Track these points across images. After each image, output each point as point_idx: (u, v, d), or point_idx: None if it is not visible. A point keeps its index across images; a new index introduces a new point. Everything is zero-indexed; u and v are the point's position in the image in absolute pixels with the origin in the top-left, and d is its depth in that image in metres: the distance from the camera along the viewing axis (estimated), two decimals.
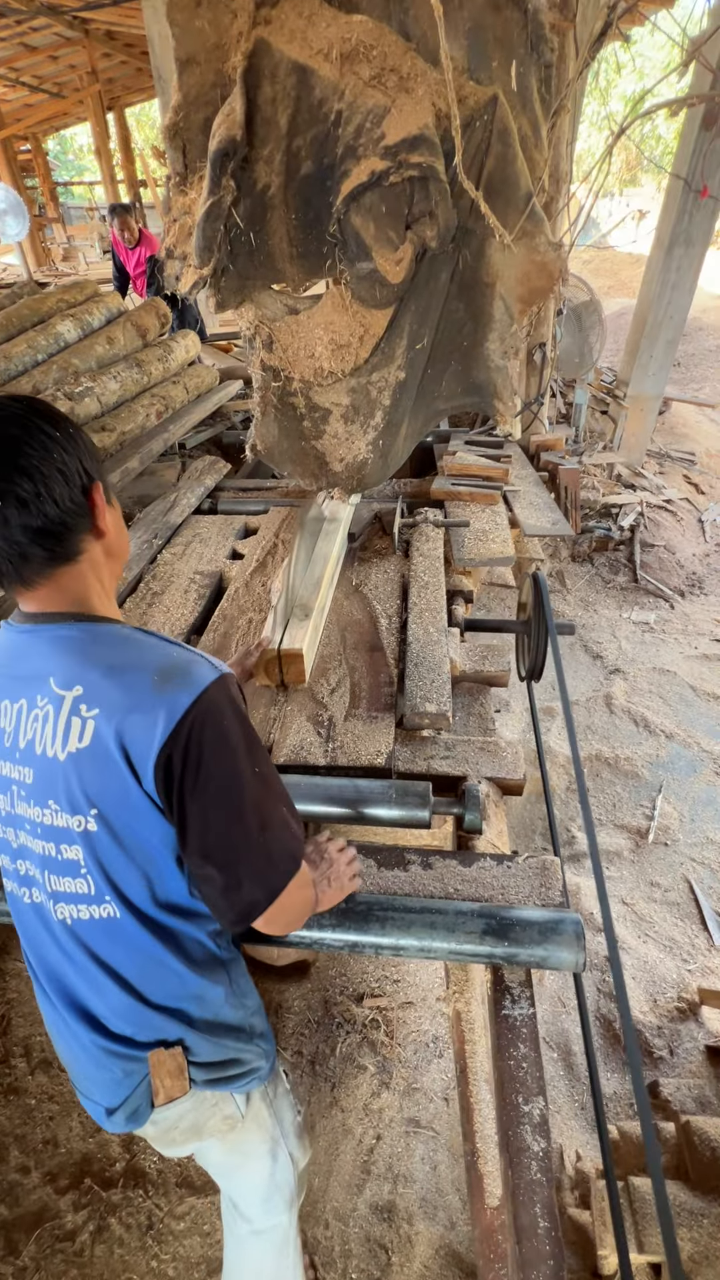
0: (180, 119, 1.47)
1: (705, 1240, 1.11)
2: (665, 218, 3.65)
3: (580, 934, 1.11)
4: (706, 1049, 1.76)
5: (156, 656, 0.74)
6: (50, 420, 0.72)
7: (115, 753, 0.70)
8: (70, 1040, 0.86)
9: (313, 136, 1.48)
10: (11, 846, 0.81)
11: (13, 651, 0.77)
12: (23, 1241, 1.50)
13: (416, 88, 1.43)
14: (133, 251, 5.36)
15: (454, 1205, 1.56)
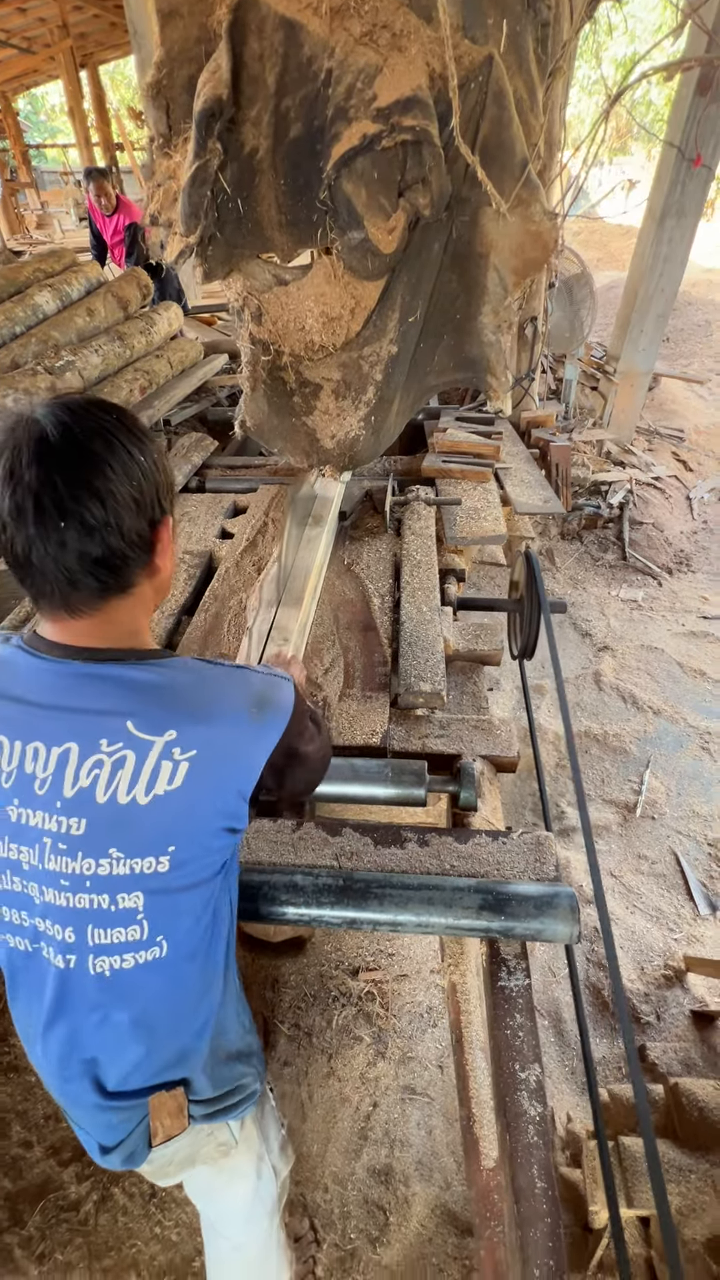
0: (163, 76, 1.41)
1: (692, 1194, 1.16)
2: (657, 188, 3.59)
3: (575, 907, 1.13)
4: (692, 1014, 1.82)
5: (242, 689, 0.74)
6: (138, 440, 0.67)
7: (210, 789, 0.69)
8: (68, 1095, 0.81)
9: (302, 97, 1.42)
10: (34, 906, 0.72)
11: (52, 684, 0.69)
12: (28, 1212, 1.53)
13: (410, 46, 1.38)
14: (110, 219, 5.17)
15: (449, 1167, 1.61)
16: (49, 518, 0.62)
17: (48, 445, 0.62)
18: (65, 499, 0.61)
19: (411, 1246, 1.48)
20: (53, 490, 0.61)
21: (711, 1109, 1.26)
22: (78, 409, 0.64)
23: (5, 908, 0.74)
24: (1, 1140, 1.64)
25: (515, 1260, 0.96)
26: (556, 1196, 0.89)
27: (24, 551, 0.63)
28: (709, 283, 10.91)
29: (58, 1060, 0.77)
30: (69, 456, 0.62)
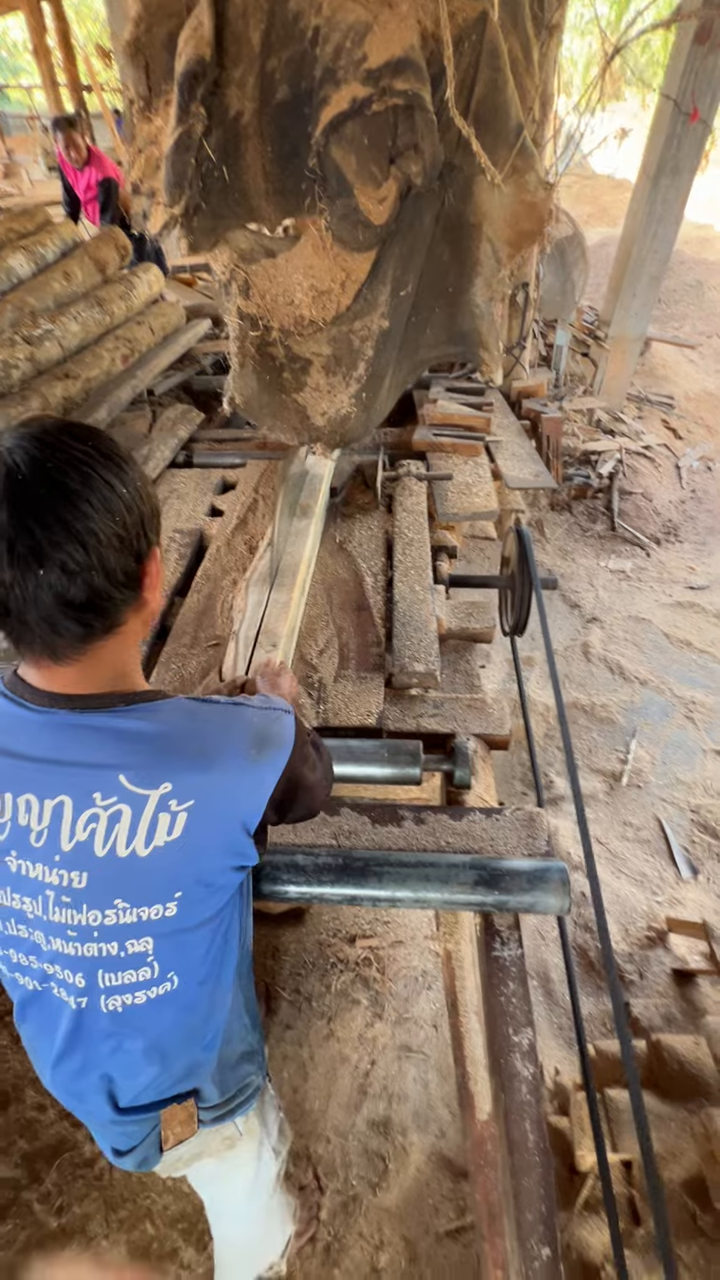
0: (141, 33, 1.34)
1: (671, 1140, 1.25)
2: (652, 143, 3.47)
3: (565, 881, 1.18)
4: (673, 972, 1.91)
5: (239, 729, 0.70)
6: (117, 468, 0.62)
7: (215, 834, 0.68)
8: (81, 1110, 0.85)
9: (288, 57, 1.36)
10: (42, 952, 0.72)
11: (38, 736, 0.66)
12: (45, 1170, 1.61)
13: (400, 2, 1.32)
14: (82, 173, 4.93)
15: (444, 1118, 1.70)
16: (25, 564, 0.57)
17: (19, 483, 0.57)
18: (42, 543, 0.57)
19: (409, 1190, 1.58)
20: (27, 534, 0.56)
21: (690, 1062, 1.35)
22: (49, 439, 0.59)
23: (13, 950, 0.74)
24: (16, 1105, 1.71)
25: (510, 1203, 1.04)
26: (548, 1148, 0.96)
27: (2, 596, 0.59)
28: (701, 240, 10.65)
29: (70, 1083, 0.79)
30: (43, 495, 0.57)
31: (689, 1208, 1.17)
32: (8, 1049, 1.79)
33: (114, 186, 4.99)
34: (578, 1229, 1.32)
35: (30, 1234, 1.52)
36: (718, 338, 6.76)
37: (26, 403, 2.60)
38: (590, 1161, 1.37)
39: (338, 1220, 1.54)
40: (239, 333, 1.75)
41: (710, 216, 11.80)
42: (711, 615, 3.41)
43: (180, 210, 1.44)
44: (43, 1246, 1.51)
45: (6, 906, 0.71)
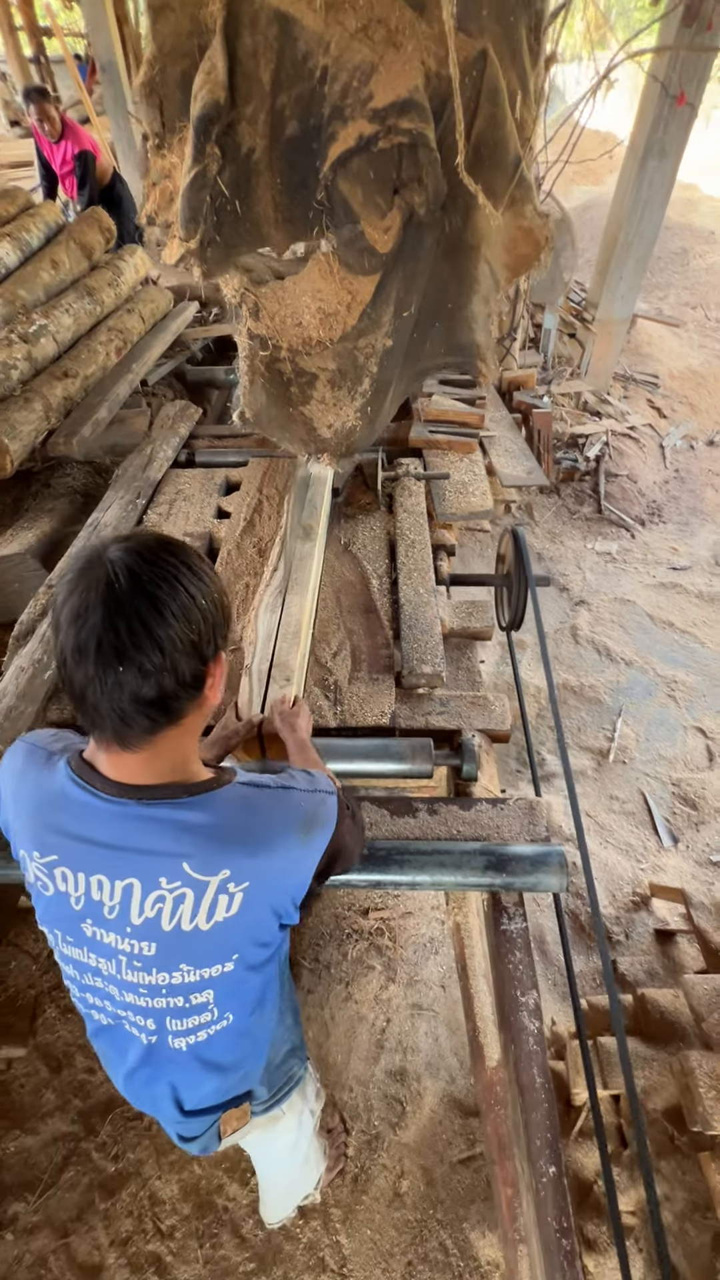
0: (155, 74, 1.38)
1: (654, 1077, 1.45)
2: (639, 125, 3.48)
3: (564, 863, 1.35)
4: (655, 932, 2.13)
5: (289, 814, 0.78)
6: (201, 581, 0.68)
7: (266, 909, 0.77)
8: (151, 1110, 0.97)
9: (297, 94, 1.42)
10: (115, 1000, 0.82)
11: (109, 825, 0.73)
12: (99, 1124, 1.80)
13: (405, 43, 1.38)
14: (57, 146, 4.78)
15: (453, 1066, 1.91)
16: (108, 662, 0.63)
17: (114, 591, 0.63)
18: (126, 645, 0.63)
19: (425, 1128, 1.80)
20: (114, 635, 0.63)
21: (669, 1012, 1.55)
22: (147, 553, 0.66)
23: (89, 995, 0.84)
24: (68, 1069, 1.89)
25: (519, 1140, 1.23)
26: (552, 1089, 1.14)
27: (81, 688, 0.66)
28: (687, 201, 10.44)
29: (141, 1091, 0.93)
30: (134, 603, 0.64)
31: (668, 1131, 1.38)
32: (56, 1021, 1.96)
33: (91, 159, 4.86)
34: (573, 1153, 1.53)
35: (91, 1178, 1.72)
36: (702, 309, 6.78)
37: (30, 406, 2.64)
38: (583, 1098, 1.58)
39: (363, 1155, 1.76)
40: (249, 352, 1.82)
41: (695, 175, 11.55)
42: (693, 596, 3.57)
43: (195, 244, 1.50)
44: (104, 1188, 1.71)
45: (84, 963, 0.81)
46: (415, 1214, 1.66)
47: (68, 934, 0.80)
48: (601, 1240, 1.39)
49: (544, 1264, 1.01)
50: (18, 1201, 1.67)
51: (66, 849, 0.75)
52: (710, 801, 2.60)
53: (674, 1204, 1.31)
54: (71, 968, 0.83)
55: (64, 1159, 1.74)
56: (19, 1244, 1.61)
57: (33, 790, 0.78)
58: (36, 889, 0.80)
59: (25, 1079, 1.85)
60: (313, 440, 1.97)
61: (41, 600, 2.00)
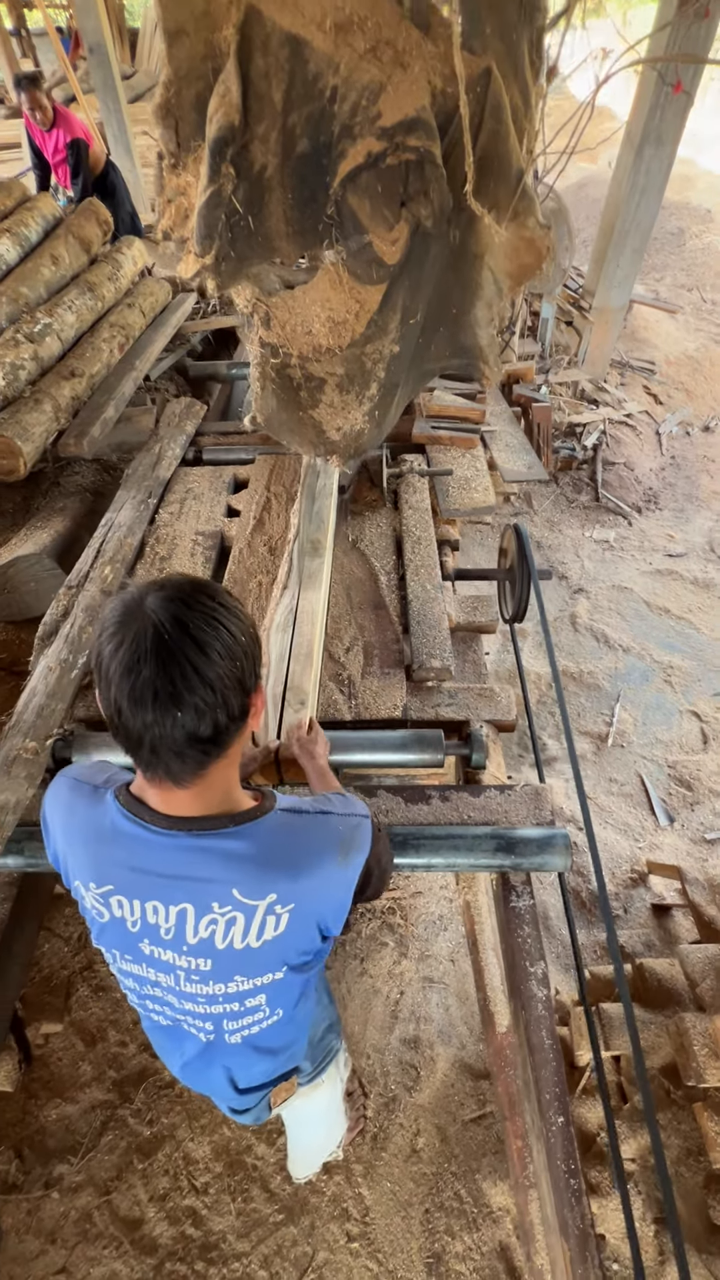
0: (171, 96, 1.43)
1: (651, 1038, 1.57)
2: (636, 114, 3.49)
3: (568, 845, 1.45)
4: (652, 907, 2.25)
5: (328, 838, 0.83)
6: (237, 619, 0.72)
7: (311, 927, 0.83)
8: (206, 1091, 1.09)
9: (308, 114, 1.47)
10: (175, 1007, 0.89)
11: (161, 856, 0.78)
12: (134, 1092, 1.92)
13: (412, 63, 1.43)
14: (50, 134, 4.74)
15: (464, 1034, 2.04)
16: (166, 706, 0.66)
17: (164, 640, 0.66)
18: (181, 689, 0.66)
19: (439, 1090, 1.93)
20: (169, 683, 0.66)
21: (666, 979, 1.67)
22: (185, 599, 0.69)
23: (149, 1001, 0.92)
24: (102, 1043, 2.01)
25: (529, 1094, 1.35)
26: (560, 1050, 1.25)
27: (139, 734, 0.68)
28: (684, 178, 10.30)
29: (197, 1077, 1.03)
30: (183, 649, 0.66)
31: (665, 1086, 1.51)
32: (89, 998, 2.07)
33: (84, 147, 4.82)
34: (577, 1109, 1.66)
35: (129, 1142, 1.85)
36: (698, 290, 6.79)
37: (40, 407, 2.68)
38: (586, 1059, 1.71)
39: (381, 1116, 1.89)
40: (260, 359, 1.88)
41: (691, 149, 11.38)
42: (688, 582, 3.66)
43: (210, 259, 1.56)
44: (141, 1150, 1.83)
45: (143, 977, 0.88)
46: (431, 1168, 1.79)
47: (126, 952, 0.86)
48: (604, 1185, 1.51)
49: (554, 1201, 1.13)
50: (62, 1163, 1.79)
51: (122, 879, 0.80)
52: (704, 782, 2.72)
53: (671, 1151, 1.44)
54: (131, 980, 0.90)
55: (102, 1124, 1.87)
56: (65, 1201, 1.74)
57: (83, 825, 0.83)
58: (92, 915, 0.85)
59: (63, 1052, 1.97)
60: (322, 443, 2.03)
61: (63, 602, 2.08)
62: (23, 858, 1.48)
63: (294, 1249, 1.67)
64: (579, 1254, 1.12)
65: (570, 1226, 1.11)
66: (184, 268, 1.59)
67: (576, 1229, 1.12)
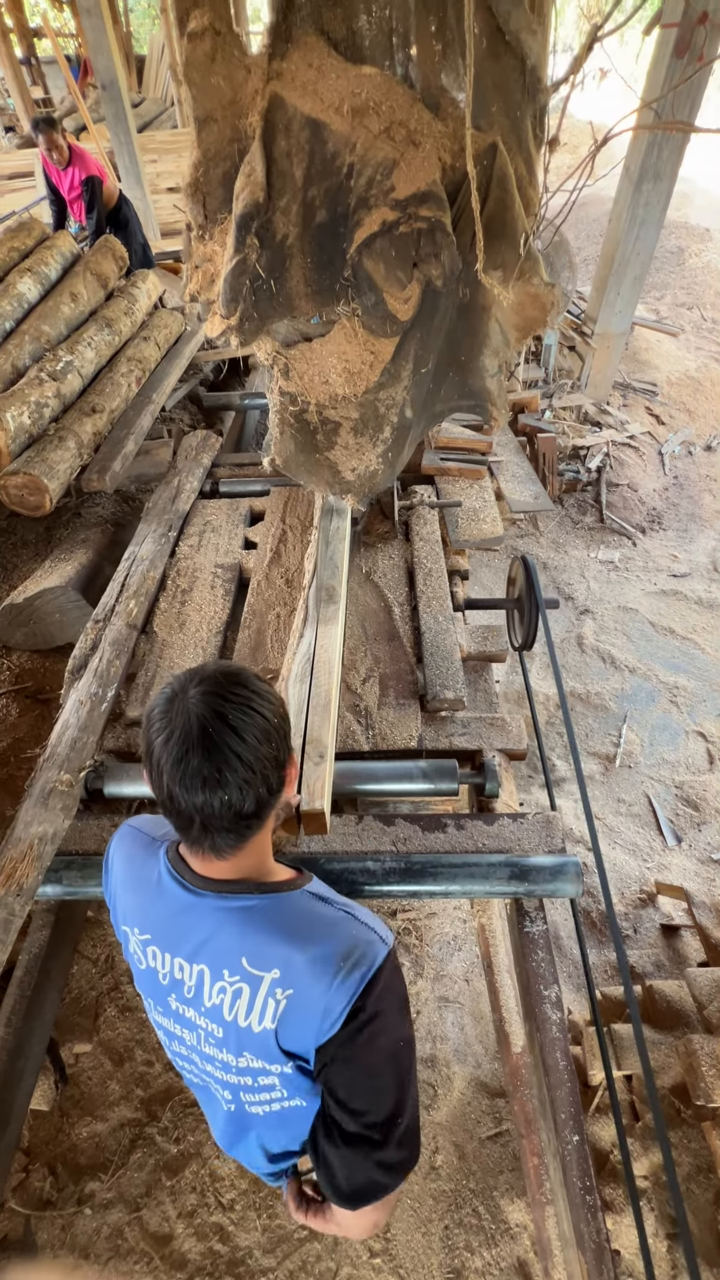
0: (200, 175, 1.54)
1: (661, 1059, 1.64)
2: (634, 150, 3.61)
3: (579, 873, 1.53)
4: (661, 927, 2.31)
5: (339, 934, 0.81)
6: (269, 702, 0.78)
7: (298, 1035, 0.79)
8: (245, 1161, 1.05)
9: (327, 188, 1.57)
10: (198, 1067, 0.91)
11: (191, 913, 0.82)
12: (160, 1111, 1.99)
13: (424, 141, 1.53)
14: (66, 172, 4.91)
15: (479, 1053, 2.10)
16: (213, 789, 0.73)
17: (206, 733, 0.73)
18: (226, 773, 0.73)
19: (455, 1108, 1.99)
20: (215, 769, 0.73)
21: (675, 1000, 1.73)
22: (221, 691, 0.75)
23: (178, 1059, 0.94)
24: (130, 1062, 2.08)
25: (545, 1114, 1.41)
26: (574, 1070, 1.32)
27: (191, 815, 0.75)
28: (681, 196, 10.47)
29: (232, 1144, 1.02)
30: (224, 739, 0.73)
31: (675, 1105, 1.57)
32: (116, 1019, 2.15)
33: (98, 184, 4.98)
34: (591, 1127, 1.72)
35: (157, 1159, 1.91)
36: (698, 309, 6.90)
37: (64, 445, 2.79)
38: (599, 1078, 1.77)
39: None
40: (279, 406, 1.98)
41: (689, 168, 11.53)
42: (692, 602, 3.74)
43: (235, 320, 1.66)
44: (168, 1168, 1.90)
45: (171, 1031, 0.91)
46: (450, 1184, 1.85)
47: (158, 1004, 0.90)
48: (618, 1201, 1.57)
49: (571, 1216, 1.20)
50: (93, 1180, 1.86)
51: (159, 930, 0.86)
52: (711, 803, 2.78)
53: (681, 1168, 1.50)
54: (162, 1034, 0.94)
55: (131, 1142, 1.94)
56: (97, 1217, 1.81)
57: (138, 873, 0.90)
58: (133, 960, 0.91)
59: (92, 1071, 2.05)
60: (338, 482, 2.13)
61: (91, 636, 2.17)
62: (61, 886, 1.57)
63: (318, 1264, 1.73)
64: (595, 1268, 1.18)
65: (587, 1241, 1.18)
66: (210, 327, 1.69)
67: (593, 1243, 1.19)
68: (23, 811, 1.59)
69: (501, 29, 1.43)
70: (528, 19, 1.43)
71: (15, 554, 3.22)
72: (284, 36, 1.45)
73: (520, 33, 1.43)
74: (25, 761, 2.46)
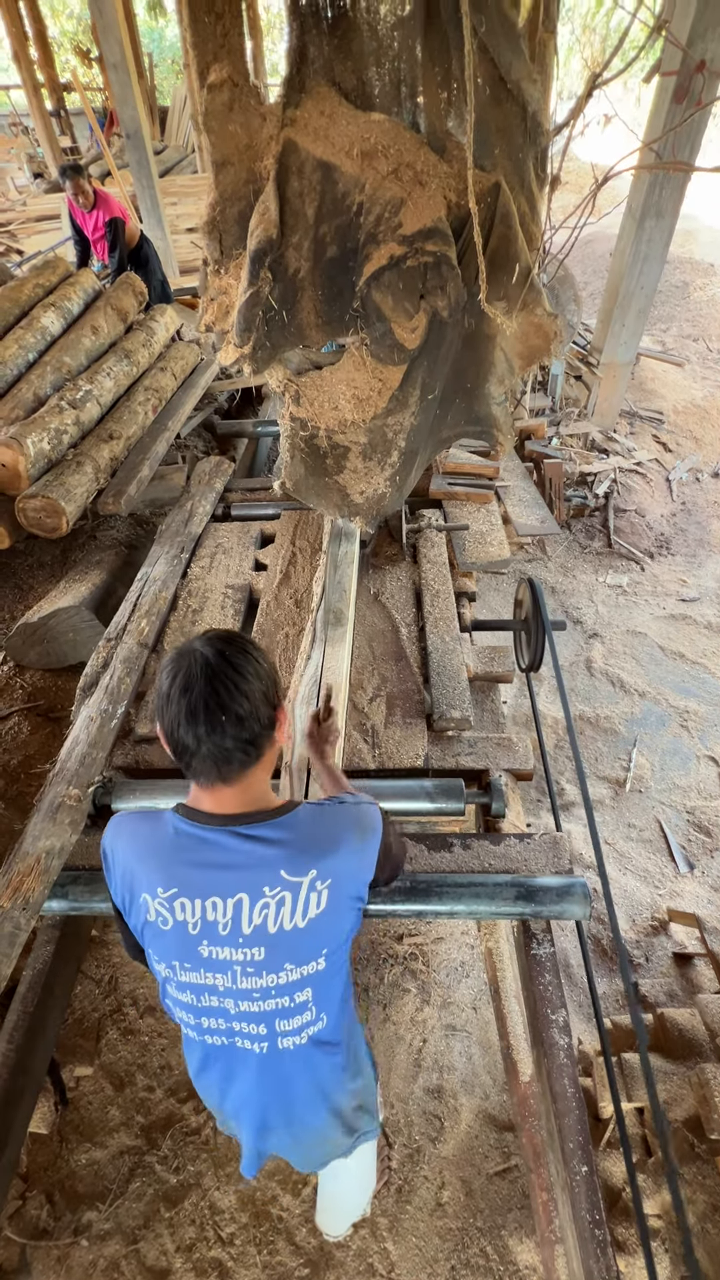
0: (217, 214, 1.62)
1: (674, 1090, 1.59)
2: (636, 189, 3.73)
3: (587, 894, 1.51)
4: (674, 955, 2.26)
5: (346, 820, 0.98)
6: (258, 652, 0.92)
7: (346, 900, 0.95)
8: (280, 1139, 1.13)
9: (337, 225, 1.65)
10: (230, 1014, 0.98)
11: (218, 849, 0.92)
12: (160, 1139, 1.95)
13: (429, 181, 1.61)
14: (90, 215, 5.14)
15: (487, 1084, 2.05)
16: (214, 714, 0.85)
17: (210, 666, 0.86)
18: (226, 700, 0.85)
19: (463, 1142, 1.93)
20: (216, 696, 0.85)
21: (687, 1030, 1.69)
22: (220, 641, 0.90)
23: (205, 1018, 1.00)
24: (130, 1087, 2.05)
25: (553, 1144, 1.37)
26: (582, 1098, 1.29)
27: (194, 743, 0.86)
28: (686, 233, 10.73)
29: (265, 1117, 1.08)
30: (224, 672, 0.86)
31: (689, 1139, 1.51)
32: (118, 1042, 2.12)
33: (121, 225, 5.21)
34: (601, 1162, 1.66)
35: (156, 1189, 1.87)
36: (704, 340, 7.01)
37: (81, 470, 2.88)
38: (609, 1111, 1.72)
39: (406, 1168, 1.89)
40: (290, 432, 2.04)
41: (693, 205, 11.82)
42: (702, 627, 3.73)
43: (249, 350, 1.72)
44: (168, 1199, 1.85)
45: (202, 984, 0.97)
46: (456, 1222, 1.79)
47: (186, 960, 0.95)
48: (630, 1242, 1.51)
49: (580, 1252, 1.16)
50: (90, 1210, 1.82)
51: (185, 879, 0.93)
52: None
53: (696, 1206, 1.44)
54: (189, 994, 0.98)
55: (130, 1171, 1.89)
56: (93, 1249, 1.76)
57: (148, 839, 0.96)
58: (156, 926, 0.95)
59: (92, 1096, 2.01)
60: (346, 505, 2.17)
61: (103, 654, 2.21)
62: (67, 901, 1.57)
63: None
64: None
65: (596, 1278, 1.13)
66: (224, 356, 1.76)
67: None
68: (31, 826, 1.60)
69: (504, 78, 1.50)
70: (528, 69, 1.51)
71: (32, 575, 3.28)
72: (298, 87, 1.54)
73: (521, 81, 1.50)
74: (35, 778, 2.48)
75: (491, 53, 1.46)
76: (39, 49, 12.49)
